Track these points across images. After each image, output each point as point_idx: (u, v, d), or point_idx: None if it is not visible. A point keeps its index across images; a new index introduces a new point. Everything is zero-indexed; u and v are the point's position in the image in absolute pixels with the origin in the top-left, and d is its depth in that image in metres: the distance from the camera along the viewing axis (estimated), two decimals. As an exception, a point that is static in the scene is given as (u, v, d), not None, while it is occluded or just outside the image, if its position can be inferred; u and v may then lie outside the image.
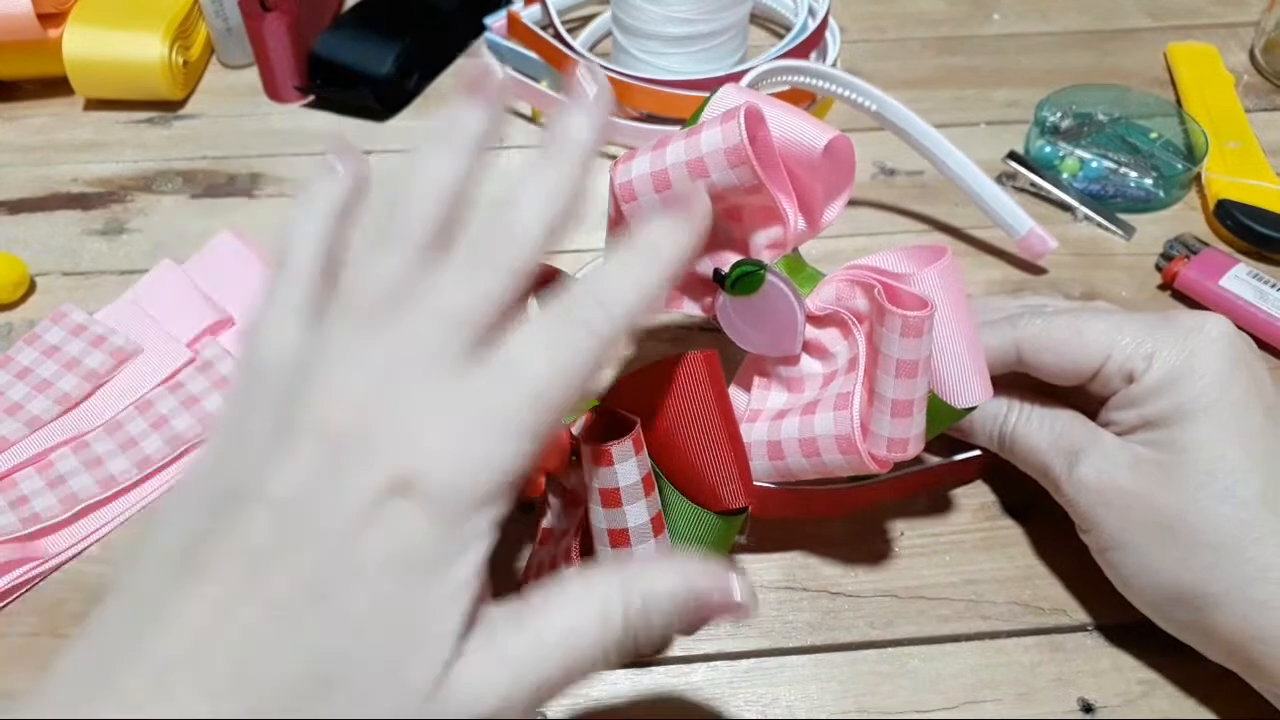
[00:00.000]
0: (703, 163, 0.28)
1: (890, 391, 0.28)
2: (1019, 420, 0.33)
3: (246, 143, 0.52)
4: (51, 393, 0.39)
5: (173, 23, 0.53)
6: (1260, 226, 0.45)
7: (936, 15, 0.62)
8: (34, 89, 0.55)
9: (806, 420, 0.29)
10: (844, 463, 0.29)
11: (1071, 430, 0.32)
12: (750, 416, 0.31)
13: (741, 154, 0.28)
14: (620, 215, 0.31)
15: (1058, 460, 0.32)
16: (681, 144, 0.29)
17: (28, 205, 0.49)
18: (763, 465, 0.30)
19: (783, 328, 0.31)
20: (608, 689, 0.31)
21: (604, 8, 0.59)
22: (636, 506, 0.26)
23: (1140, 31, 0.61)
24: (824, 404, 0.29)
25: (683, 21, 0.50)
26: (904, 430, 0.28)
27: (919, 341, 0.27)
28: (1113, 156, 0.49)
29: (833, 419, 0.29)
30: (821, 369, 0.31)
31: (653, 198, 0.29)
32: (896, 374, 0.27)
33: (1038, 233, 0.44)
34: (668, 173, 0.29)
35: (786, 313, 0.30)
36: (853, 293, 0.30)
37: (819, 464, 0.29)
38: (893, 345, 0.27)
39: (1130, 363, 0.30)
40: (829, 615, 0.33)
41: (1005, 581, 0.34)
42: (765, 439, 0.30)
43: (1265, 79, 0.57)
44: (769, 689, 0.32)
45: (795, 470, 0.30)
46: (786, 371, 0.31)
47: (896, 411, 0.28)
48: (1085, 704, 0.31)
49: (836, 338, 0.31)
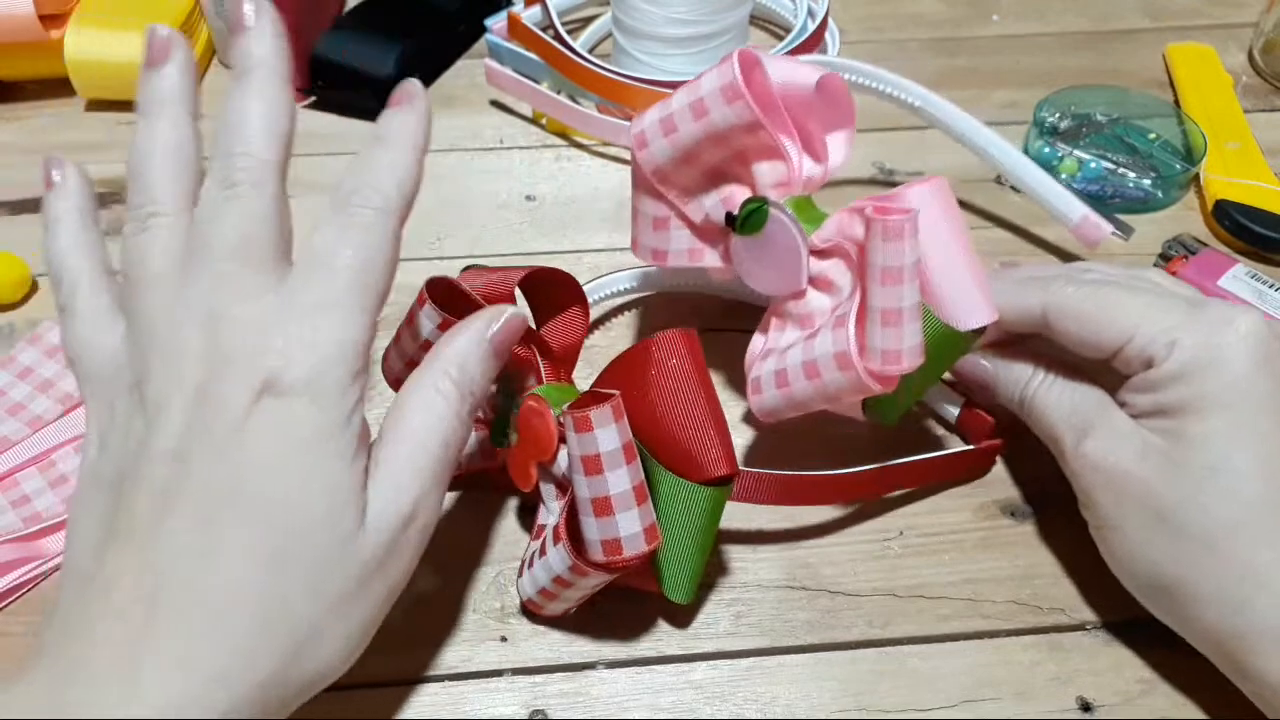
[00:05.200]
0: (702, 103, 0.31)
1: (878, 301, 0.28)
2: (1040, 385, 0.33)
3: (247, 143, 0.52)
4: (53, 393, 0.39)
5: (174, 23, 0.53)
6: (1258, 227, 0.45)
7: (935, 16, 0.62)
8: (35, 90, 0.55)
9: (809, 345, 0.31)
10: (844, 381, 0.29)
11: (1087, 404, 0.32)
12: (763, 355, 0.32)
13: (736, 90, 0.29)
14: (641, 174, 0.33)
15: (1067, 432, 0.32)
16: (683, 92, 0.31)
17: (30, 206, 0.49)
18: (771, 396, 0.31)
19: (787, 261, 0.32)
20: (607, 688, 0.31)
21: (604, 9, 0.59)
22: (617, 473, 0.27)
23: (1139, 32, 0.61)
24: (824, 328, 0.30)
25: (683, 23, 0.50)
26: (895, 341, 0.28)
27: (900, 245, 0.28)
28: (1111, 157, 0.50)
29: (830, 338, 0.30)
30: (829, 302, 0.32)
31: (661, 141, 0.32)
32: (881, 281, 0.28)
33: (1092, 219, 0.43)
34: (672, 117, 0.31)
35: (789, 245, 0.31)
36: (852, 222, 0.31)
37: (821, 386, 0.30)
38: (876, 254, 0.28)
39: (1151, 348, 0.29)
40: (828, 614, 0.33)
41: (1004, 581, 0.34)
42: (773, 370, 0.31)
43: (1264, 80, 0.57)
44: (768, 688, 0.32)
45: (799, 396, 0.30)
46: (797, 309, 0.32)
47: (886, 320, 0.28)
48: (1084, 703, 0.31)
49: (840, 269, 0.31)
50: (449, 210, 0.49)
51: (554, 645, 0.32)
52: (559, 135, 0.54)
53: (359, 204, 0.26)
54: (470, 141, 0.53)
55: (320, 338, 0.24)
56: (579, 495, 0.28)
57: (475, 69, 0.57)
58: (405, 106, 0.28)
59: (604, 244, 0.47)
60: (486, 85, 0.54)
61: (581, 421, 0.27)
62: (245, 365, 0.24)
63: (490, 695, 0.31)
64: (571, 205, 0.49)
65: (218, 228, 0.25)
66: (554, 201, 0.49)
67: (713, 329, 0.42)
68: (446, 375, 0.27)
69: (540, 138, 0.54)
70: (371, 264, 0.25)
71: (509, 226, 0.48)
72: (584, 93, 0.51)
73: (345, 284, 0.25)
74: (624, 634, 0.33)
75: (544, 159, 0.52)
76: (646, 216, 0.35)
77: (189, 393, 0.24)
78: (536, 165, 0.52)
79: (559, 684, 0.32)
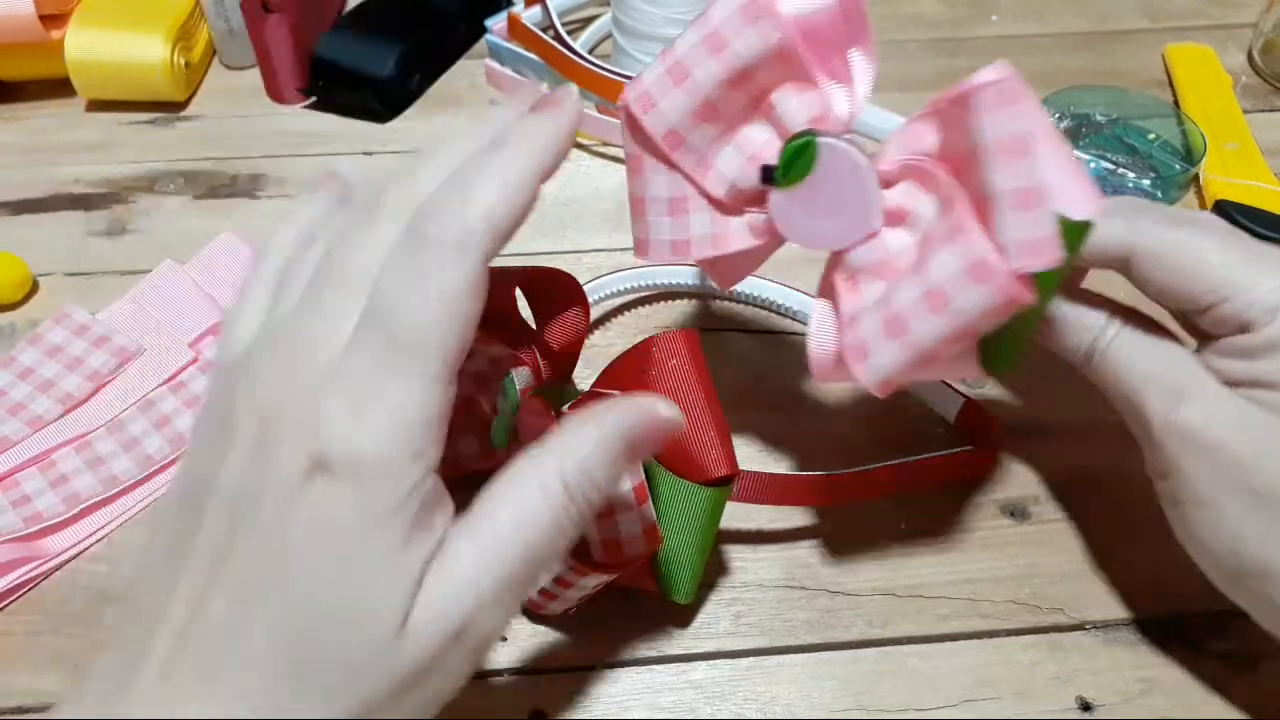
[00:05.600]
0: (718, 35, 0.25)
1: (1005, 182, 0.23)
2: (1119, 337, 0.29)
3: (248, 144, 0.52)
4: (54, 393, 0.39)
5: (175, 24, 0.53)
6: (1258, 227, 0.45)
7: (935, 17, 0.62)
8: (36, 90, 0.55)
9: (921, 276, 0.25)
10: (985, 298, 0.24)
11: (1177, 365, 0.28)
12: (850, 321, 0.27)
13: (757, 6, 0.24)
14: (650, 145, 0.28)
15: (1158, 395, 0.28)
16: (690, 31, 0.26)
17: (30, 206, 0.49)
18: (887, 353, 0.26)
19: (854, 197, 0.26)
20: (606, 687, 0.32)
21: (604, 9, 0.59)
22: None
23: (1138, 33, 0.61)
24: (934, 251, 0.25)
25: (683, 23, 0.50)
26: (1033, 227, 0.23)
27: (1016, 110, 0.23)
28: (1111, 157, 0.50)
29: (953, 254, 0.24)
30: (910, 238, 0.26)
31: (674, 94, 0.26)
32: (1004, 155, 0.23)
33: None
34: (683, 62, 0.26)
35: (852, 177, 0.26)
36: (918, 134, 0.26)
37: (953, 315, 0.24)
38: (986, 126, 0.23)
39: (1250, 311, 0.27)
40: (828, 614, 0.33)
41: (1004, 580, 0.34)
42: (880, 324, 0.26)
43: (1263, 80, 0.57)
44: (768, 687, 0.32)
45: (926, 338, 0.25)
46: (870, 256, 0.27)
47: (1020, 202, 0.23)
48: (1084, 702, 0.31)
49: (916, 192, 0.26)
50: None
51: (554, 645, 0.32)
52: (559, 135, 0.54)
53: (434, 236, 0.21)
54: (470, 142, 0.53)
55: (372, 411, 0.20)
56: None
57: (475, 69, 0.57)
58: (545, 111, 0.23)
59: (604, 244, 0.47)
60: (486, 85, 0.54)
61: None
62: (297, 427, 0.21)
63: (490, 695, 0.31)
64: (571, 205, 0.49)
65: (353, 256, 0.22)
66: (554, 201, 0.49)
67: (712, 329, 0.42)
68: (560, 472, 0.22)
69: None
70: (441, 317, 0.21)
71: (509, 227, 0.48)
72: (584, 93, 0.51)
73: (405, 344, 0.21)
74: (624, 634, 0.33)
75: (544, 159, 0.52)
76: (659, 201, 0.29)
77: (253, 434, 0.22)
78: (536, 165, 0.52)
79: (559, 684, 0.32)
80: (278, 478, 0.21)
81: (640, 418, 0.23)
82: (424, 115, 0.55)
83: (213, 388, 0.24)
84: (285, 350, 0.22)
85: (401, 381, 0.21)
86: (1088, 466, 0.37)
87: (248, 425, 0.22)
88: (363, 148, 0.52)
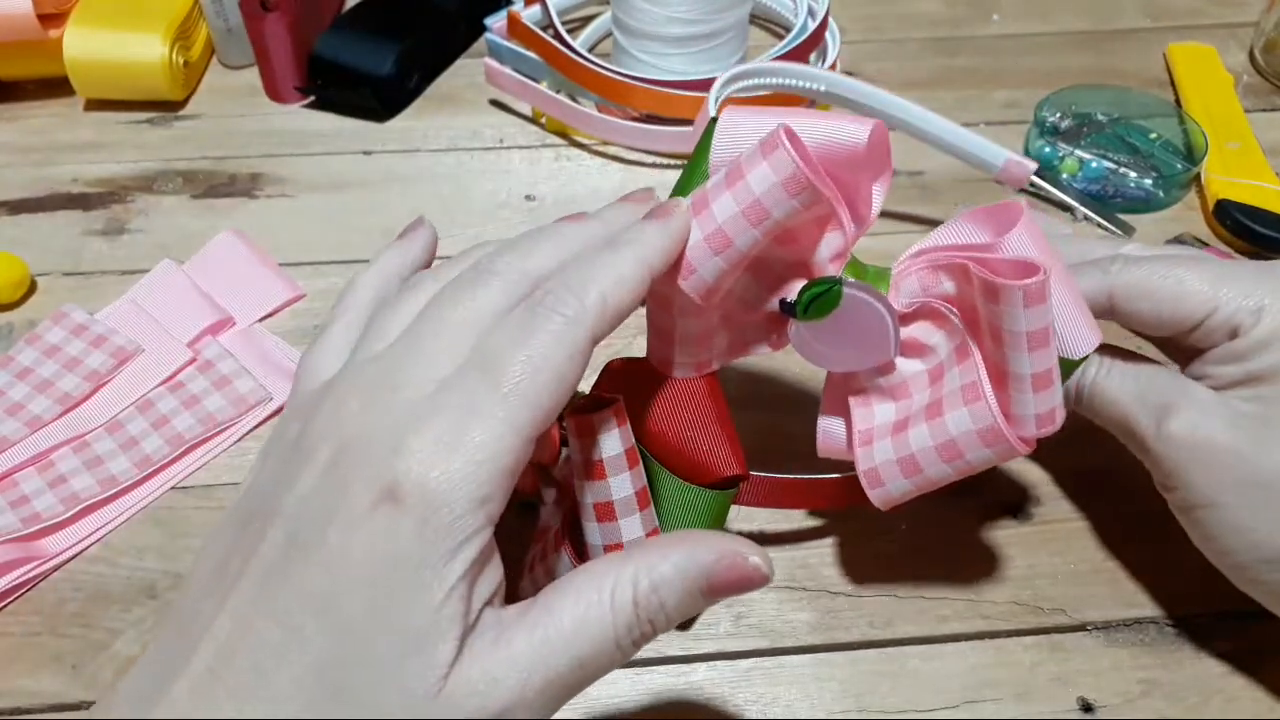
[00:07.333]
0: (759, 205, 0.26)
1: (1028, 368, 0.26)
2: (1099, 373, 0.31)
3: (247, 143, 0.52)
4: (52, 393, 0.39)
5: (173, 23, 0.53)
6: (1259, 226, 0.45)
7: (936, 16, 0.62)
8: (35, 89, 0.55)
9: (937, 425, 0.28)
10: (991, 455, 0.27)
11: (1159, 383, 0.30)
12: (863, 439, 0.30)
13: (801, 180, 0.25)
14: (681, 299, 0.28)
15: (1144, 415, 0.30)
16: (727, 196, 0.26)
17: (28, 205, 0.49)
18: (899, 485, 0.29)
19: (874, 337, 0.29)
20: (607, 688, 0.31)
21: (604, 8, 0.59)
22: (620, 478, 0.27)
23: (1139, 32, 0.61)
24: (949, 402, 0.28)
25: (683, 22, 0.50)
26: (1049, 402, 0.27)
27: (1044, 308, 0.26)
28: (1112, 157, 0.50)
29: (968, 414, 0.27)
30: (923, 366, 0.29)
31: (713, 262, 0.26)
32: (1030, 348, 0.26)
33: (1014, 159, 0.43)
34: (722, 230, 0.26)
35: (875, 321, 0.28)
36: (938, 278, 0.28)
37: (962, 465, 0.28)
38: (1018, 319, 0.26)
39: (1237, 316, 0.29)
40: (829, 615, 0.33)
41: (1005, 581, 0.34)
42: (894, 457, 0.29)
43: (1265, 79, 0.57)
44: (769, 688, 0.32)
45: (937, 478, 0.29)
46: (885, 381, 0.30)
47: (1039, 385, 0.26)
48: (1085, 703, 0.31)
49: (931, 330, 0.29)
50: (448, 210, 0.48)
51: (554, 646, 0.32)
52: (559, 135, 0.54)
53: (550, 306, 0.22)
54: (470, 141, 0.53)
55: (453, 447, 0.21)
56: (581, 500, 0.27)
57: (475, 69, 0.57)
58: (661, 218, 0.25)
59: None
60: (486, 85, 0.54)
61: (584, 426, 0.26)
62: (374, 458, 0.21)
63: (490, 696, 0.31)
64: (571, 205, 0.49)
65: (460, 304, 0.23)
66: (554, 201, 0.49)
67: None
68: (632, 586, 0.22)
69: (540, 137, 0.54)
70: (540, 378, 0.21)
71: (509, 226, 0.48)
72: (584, 92, 0.51)
73: (503, 394, 0.21)
74: (624, 634, 0.33)
75: (544, 158, 0.52)
76: (688, 337, 0.29)
77: (326, 461, 0.22)
78: (536, 165, 0.52)
79: (559, 685, 0.31)
80: (345, 505, 0.21)
81: (727, 559, 0.22)
82: (423, 114, 0.55)
83: (287, 415, 0.24)
84: (374, 385, 0.22)
85: (489, 424, 0.21)
86: (1089, 467, 0.37)
87: (323, 452, 0.22)
88: (361, 147, 0.52)
